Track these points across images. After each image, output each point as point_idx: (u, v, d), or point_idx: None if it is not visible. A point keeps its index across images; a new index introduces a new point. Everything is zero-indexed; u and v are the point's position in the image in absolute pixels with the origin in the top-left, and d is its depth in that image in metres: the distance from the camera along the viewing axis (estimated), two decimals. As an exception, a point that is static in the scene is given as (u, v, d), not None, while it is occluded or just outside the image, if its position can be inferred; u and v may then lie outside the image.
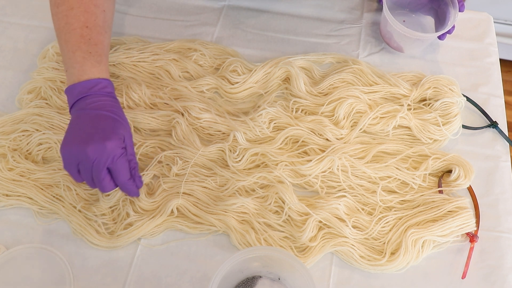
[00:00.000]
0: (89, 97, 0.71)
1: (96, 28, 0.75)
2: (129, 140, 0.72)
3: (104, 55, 0.75)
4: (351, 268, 0.74)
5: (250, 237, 0.74)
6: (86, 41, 0.73)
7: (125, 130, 0.71)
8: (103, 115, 0.70)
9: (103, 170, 0.67)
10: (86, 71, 0.72)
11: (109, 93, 0.73)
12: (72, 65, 0.73)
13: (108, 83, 0.73)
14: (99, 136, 0.67)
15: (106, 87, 0.73)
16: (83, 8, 0.75)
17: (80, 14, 0.74)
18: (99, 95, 0.71)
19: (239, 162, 0.80)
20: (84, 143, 0.67)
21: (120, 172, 0.69)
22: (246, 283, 0.70)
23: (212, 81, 0.88)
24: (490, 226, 0.77)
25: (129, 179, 0.71)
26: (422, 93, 0.88)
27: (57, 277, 0.72)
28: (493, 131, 0.87)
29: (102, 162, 0.67)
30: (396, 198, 0.79)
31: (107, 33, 0.77)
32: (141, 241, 0.75)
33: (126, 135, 0.71)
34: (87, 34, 0.74)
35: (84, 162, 0.67)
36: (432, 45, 0.97)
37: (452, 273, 0.74)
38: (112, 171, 0.69)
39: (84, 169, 0.68)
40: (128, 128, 0.72)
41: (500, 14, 1.65)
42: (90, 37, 0.74)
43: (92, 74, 0.72)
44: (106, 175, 0.68)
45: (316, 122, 0.84)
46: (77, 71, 0.72)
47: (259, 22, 1.00)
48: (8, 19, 1.00)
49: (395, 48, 0.95)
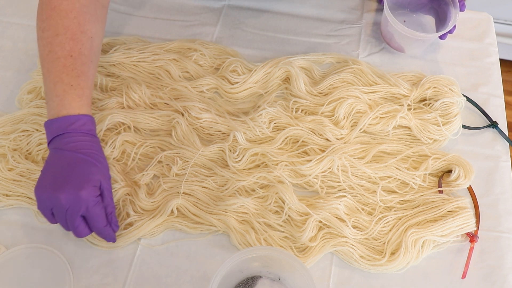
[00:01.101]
0: (66, 135, 0.69)
1: (81, 58, 0.72)
2: (107, 184, 0.70)
3: (87, 87, 0.72)
4: (351, 268, 0.74)
5: (250, 237, 0.74)
6: (68, 71, 0.71)
7: (102, 175, 0.69)
8: (80, 158, 0.68)
9: (76, 218, 0.66)
10: (65, 105, 0.70)
11: (89, 130, 0.71)
12: (52, 98, 0.71)
13: (88, 120, 0.71)
14: (73, 183, 0.66)
15: (86, 124, 0.71)
16: (69, 35, 0.72)
17: (66, 42, 0.71)
18: (78, 134, 0.69)
19: (239, 162, 0.80)
20: (58, 191, 0.65)
21: (95, 219, 0.68)
22: (246, 283, 0.70)
23: (212, 81, 0.88)
24: (490, 226, 0.77)
25: (105, 226, 0.69)
26: (422, 93, 0.88)
27: (57, 277, 0.72)
28: (493, 131, 0.87)
29: (76, 210, 0.66)
30: (396, 198, 0.79)
31: (92, 62, 0.75)
32: (141, 241, 0.75)
33: (103, 180, 0.69)
34: (70, 64, 0.71)
35: (57, 208, 0.66)
36: (432, 45, 0.97)
37: (452, 273, 0.74)
38: (87, 219, 0.68)
39: (58, 214, 0.67)
40: (106, 171, 0.71)
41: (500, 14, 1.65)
42: (73, 67, 0.71)
43: (72, 109, 0.70)
44: (81, 222, 0.67)
45: (316, 122, 0.84)
46: (56, 105, 0.70)
47: (259, 22, 1.00)
48: (8, 19, 1.00)
49: (396, 48, 0.95)
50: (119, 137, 0.81)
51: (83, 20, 0.73)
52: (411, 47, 0.94)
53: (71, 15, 0.72)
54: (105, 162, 0.72)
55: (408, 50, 0.95)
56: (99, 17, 0.77)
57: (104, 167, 0.71)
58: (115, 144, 0.81)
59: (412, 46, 0.94)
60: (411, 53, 0.95)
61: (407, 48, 0.94)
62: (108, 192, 0.70)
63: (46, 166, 0.69)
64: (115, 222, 0.72)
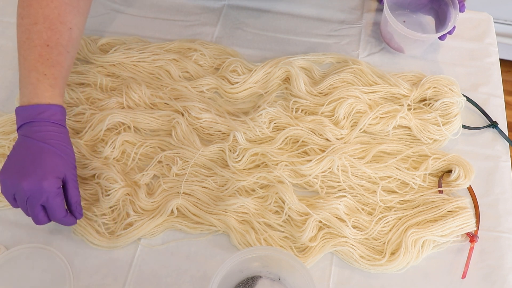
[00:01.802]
0: (35, 124, 0.70)
1: (58, 48, 0.73)
2: (72, 175, 0.71)
3: (60, 78, 0.73)
4: (351, 268, 0.74)
5: (250, 237, 0.74)
6: (43, 61, 0.71)
7: (66, 166, 0.70)
8: (46, 149, 0.69)
9: (36, 206, 0.67)
10: (37, 94, 0.70)
11: (58, 120, 0.71)
12: (26, 85, 0.71)
13: (59, 110, 0.72)
14: (37, 173, 0.67)
15: (56, 114, 0.71)
16: (47, 25, 0.72)
17: (43, 31, 0.72)
18: (47, 123, 0.70)
19: (239, 162, 0.80)
20: (21, 178, 0.66)
21: (54, 211, 0.69)
22: (246, 283, 0.70)
23: (212, 81, 0.88)
24: (490, 226, 0.77)
25: (64, 216, 0.70)
26: (422, 93, 0.88)
27: (57, 277, 0.72)
28: (493, 131, 0.87)
29: (36, 199, 0.67)
30: (396, 198, 0.79)
31: (69, 53, 0.75)
32: (141, 241, 0.75)
33: (67, 171, 0.70)
34: (46, 53, 0.72)
35: (19, 195, 0.67)
36: (432, 45, 0.97)
37: (452, 273, 0.74)
38: (47, 209, 0.69)
39: (19, 200, 0.68)
40: (71, 162, 0.72)
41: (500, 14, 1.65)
42: (49, 57, 0.72)
43: (43, 98, 0.70)
44: (40, 211, 0.68)
45: (316, 122, 0.84)
46: (29, 93, 0.71)
47: (259, 22, 1.00)
48: (8, 19, 1.00)
49: (395, 48, 0.95)
50: (119, 137, 0.81)
51: (64, 10, 0.74)
52: (410, 48, 0.94)
53: (52, 5, 0.73)
54: (72, 153, 0.72)
55: (408, 50, 0.95)
56: (81, 9, 0.77)
57: (70, 158, 0.72)
58: (115, 144, 0.81)
59: (411, 46, 0.93)
60: (411, 53, 0.95)
61: (406, 48, 0.94)
62: (73, 182, 0.71)
63: (13, 152, 0.70)
64: (79, 211, 0.73)
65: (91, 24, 0.98)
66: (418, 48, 0.95)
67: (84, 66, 0.90)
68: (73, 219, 0.72)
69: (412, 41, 0.91)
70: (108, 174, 0.77)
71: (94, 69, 0.90)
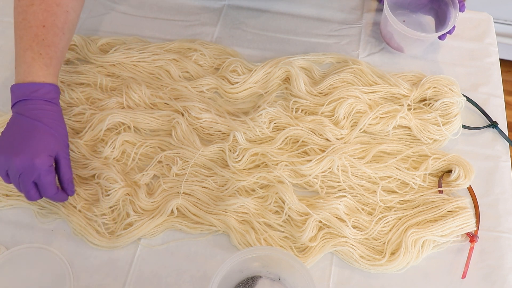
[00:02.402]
0: (29, 102, 0.71)
1: (53, 29, 0.74)
2: (64, 153, 0.72)
3: (55, 58, 0.74)
4: (351, 268, 0.74)
5: (250, 237, 0.74)
6: (39, 41, 0.73)
7: (59, 144, 0.71)
8: (39, 127, 0.70)
9: (28, 183, 0.69)
10: (32, 72, 0.72)
11: (52, 99, 0.73)
12: (21, 64, 0.73)
13: (52, 88, 0.73)
14: (29, 151, 0.68)
15: (49, 92, 0.72)
16: (43, 6, 0.74)
17: (40, 12, 0.73)
18: (40, 101, 0.71)
19: (239, 162, 0.80)
20: (14, 155, 0.67)
21: (46, 187, 0.70)
22: (246, 283, 0.70)
23: (212, 81, 0.88)
24: (490, 226, 0.77)
25: (55, 193, 0.72)
26: (422, 93, 0.88)
27: (57, 277, 0.72)
28: (493, 131, 0.87)
29: (28, 176, 0.68)
30: (396, 198, 0.79)
31: (65, 35, 0.76)
32: (141, 241, 0.75)
33: (59, 149, 0.71)
34: (42, 34, 0.73)
35: (12, 171, 0.68)
36: (432, 45, 0.97)
37: (452, 273, 0.74)
38: (38, 186, 0.70)
39: (12, 177, 0.69)
40: (64, 140, 0.73)
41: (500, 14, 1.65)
42: (44, 37, 0.73)
43: (37, 77, 0.72)
44: (32, 187, 0.69)
45: (316, 122, 0.84)
46: (23, 71, 0.72)
47: (259, 22, 1.00)
48: (8, 19, 1.00)
49: (395, 48, 0.95)
50: (119, 137, 0.81)
51: None
52: (410, 47, 0.94)
53: None
54: (65, 131, 0.74)
55: (408, 50, 0.95)
56: None
57: (63, 136, 0.73)
58: (115, 144, 0.81)
59: (411, 46, 0.93)
60: (411, 53, 0.95)
61: (406, 48, 0.94)
62: (65, 160, 0.73)
63: (6, 129, 0.71)
64: (71, 188, 0.75)
65: (91, 24, 0.99)
66: (418, 48, 0.95)
67: (84, 66, 0.90)
68: (65, 196, 0.74)
69: (412, 41, 0.91)
70: (108, 174, 0.77)
71: (94, 69, 0.90)
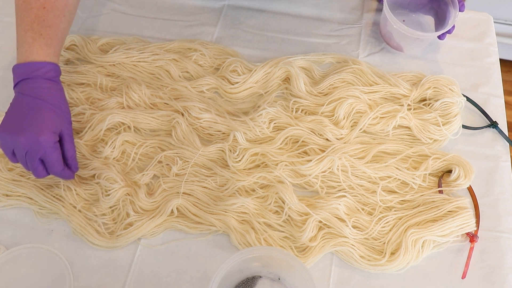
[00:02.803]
0: (31, 81, 0.72)
1: (54, 11, 0.76)
2: (67, 130, 0.74)
3: (56, 38, 0.76)
4: (351, 268, 0.74)
5: (250, 237, 0.74)
6: (40, 22, 0.74)
7: (62, 121, 0.73)
8: (41, 105, 0.71)
9: (35, 160, 0.70)
10: (33, 52, 0.73)
11: (53, 77, 0.74)
12: (22, 44, 0.74)
13: (53, 67, 0.74)
14: (33, 128, 0.69)
15: (50, 71, 0.74)
16: None
17: None
18: (42, 80, 0.73)
19: (239, 162, 0.80)
20: (19, 133, 0.69)
21: (52, 164, 0.72)
22: (246, 283, 0.70)
23: (212, 81, 0.88)
24: (490, 226, 0.77)
25: (62, 170, 0.73)
26: (422, 93, 0.88)
27: (57, 277, 0.72)
28: (493, 131, 0.87)
29: (34, 153, 0.70)
30: (396, 198, 0.79)
31: (65, 17, 0.78)
32: (141, 241, 0.75)
33: (63, 126, 0.73)
34: (42, 15, 0.75)
35: (18, 149, 0.70)
36: (432, 45, 0.97)
37: (452, 273, 0.74)
38: (45, 163, 0.72)
39: (18, 155, 0.71)
40: (67, 117, 0.74)
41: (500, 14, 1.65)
42: (45, 18, 0.75)
43: (38, 56, 0.73)
44: (39, 165, 0.71)
45: (316, 122, 0.84)
46: (25, 51, 0.74)
47: (259, 22, 1.00)
48: (8, 19, 1.00)
49: (394, 47, 0.95)
50: (119, 137, 0.81)
51: None
52: (410, 47, 0.94)
53: None
54: (67, 109, 0.75)
55: (407, 49, 0.95)
56: None
57: (65, 113, 0.74)
58: (115, 144, 0.81)
59: (411, 45, 0.93)
60: (410, 52, 0.95)
61: (406, 47, 0.94)
62: (69, 137, 0.74)
63: (10, 109, 0.73)
64: (75, 165, 0.76)
65: (91, 24, 0.99)
66: (418, 47, 0.95)
67: (84, 66, 0.90)
68: (70, 173, 0.75)
69: (411, 40, 0.91)
70: (108, 174, 0.77)
71: (94, 69, 0.90)
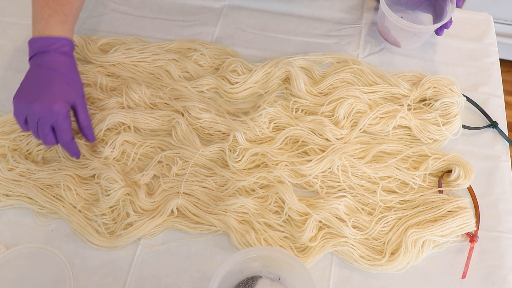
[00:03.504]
0: (46, 54, 0.76)
1: None
2: (81, 101, 0.77)
3: (71, 15, 0.79)
4: (351, 268, 0.74)
5: (250, 237, 0.74)
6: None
7: (75, 93, 0.76)
8: (56, 76, 0.75)
9: (46, 127, 0.74)
10: (49, 27, 0.77)
11: (67, 52, 0.78)
12: (38, 20, 0.78)
13: (68, 43, 0.78)
14: (48, 97, 0.73)
15: (65, 46, 0.77)
16: None
17: None
18: (57, 54, 0.76)
19: (239, 162, 0.80)
20: (34, 101, 0.72)
21: (63, 132, 0.75)
22: (246, 283, 0.70)
23: (212, 81, 0.88)
24: (490, 226, 0.77)
25: (71, 139, 0.77)
26: (422, 93, 0.88)
27: (57, 277, 0.72)
28: (493, 131, 0.87)
29: (47, 120, 0.73)
30: (396, 198, 0.79)
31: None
32: (141, 241, 0.75)
33: (76, 98, 0.76)
34: None
35: (31, 116, 0.73)
36: (432, 45, 0.97)
37: (452, 273, 0.74)
38: (56, 130, 0.75)
39: (31, 122, 0.74)
40: (80, 89, 0.78)
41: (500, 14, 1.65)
42: None
43: (54, 31, 0.77)
44: (50, 132, 0.74)
45: (316, 122, 0.84)
46: (41, 27, 0.77)
47: (259, 22, 1.00)
48: (8, 19, 1.00)
49: (392, 43, 0.95)
50: (119, 137, 0.81)
51: None
52: (407, 42, 0.93)
53: None
54: (80, 82, 0.79)
55: (404, 44, 0.94)
56: None
57: (78, 85, 0.78)
58: (115, 144, 0.81)
59: (408, 41, 0.93)
60: (408, 48, 0.95)
61: (403, 42, 0.94)
62: (83, 108, 0.78)
63: (25, 79, 0.76)
64: (92, 134, 0.80)
65: (91, 24, 0.99)
66: (415, 43, 0.94)
67: (84, 66, 0.90)
68: (77, 149, 0.78)
69: (409, 35, 0.91)
70: (108, 174, 0.77)
71: (94, 69, 0.90)
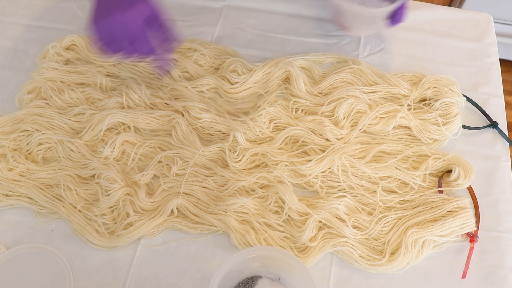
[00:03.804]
0: None
1: None
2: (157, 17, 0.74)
3: None
4: (351, 268, 0.74)
5: (250, 237, 0.74)
6: None
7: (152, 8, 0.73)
8: None
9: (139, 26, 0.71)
10: None
11: None
12: None
13: None
14: (126, 4, 0.70)
15: None
16: None
17: None
18: None
19: (239, 162, 0.80)
20: (117, 12, 0.69)
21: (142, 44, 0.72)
22: (246, 283, 0.70)
23: (212, 81, 0.88)
24: (490, 226, 0.77)
25: (152, 48, 0.74)
26: (422, 93, 0.88)
27: (57, 277, 0.72)
28: (493, 131, 0.87)
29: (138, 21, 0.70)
30: (396, 198, 0.79)
31: None
32: (141, 241, 0.75)
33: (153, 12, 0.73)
34: None
35: (118, 27, 0.70)
36: (432, 45, 0.97)
37: (452, 273, 0.74)
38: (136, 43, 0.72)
39: (121, 34, 0.70)
40: (156, 6, 0.74)
41: (500, 14, 1.65)
42: None
43: None
44: (144, 35, 0.72)
45: (316, 122, 0.84)
46: None
47: (259, 22, 1.00)
48: (8, 19, 1.00)
49: (345, 29, 0.94)
50: (119, 137, 0.81)
51: None
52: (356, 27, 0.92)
53: None
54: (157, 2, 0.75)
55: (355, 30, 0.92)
56: None
57: (156, 3, 0.74)
58: (115, 144, 0.81)
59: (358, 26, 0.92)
60: (359, 34, 0.94)
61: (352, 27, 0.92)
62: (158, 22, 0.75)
63: (97, 4, 0.72)
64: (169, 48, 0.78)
65: (91, 24, 0.99)
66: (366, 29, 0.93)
67: (84, 66, 0.90)
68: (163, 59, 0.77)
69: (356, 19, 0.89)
70: (108, 174, 0.77)
71: (94, 69, 0.90)
